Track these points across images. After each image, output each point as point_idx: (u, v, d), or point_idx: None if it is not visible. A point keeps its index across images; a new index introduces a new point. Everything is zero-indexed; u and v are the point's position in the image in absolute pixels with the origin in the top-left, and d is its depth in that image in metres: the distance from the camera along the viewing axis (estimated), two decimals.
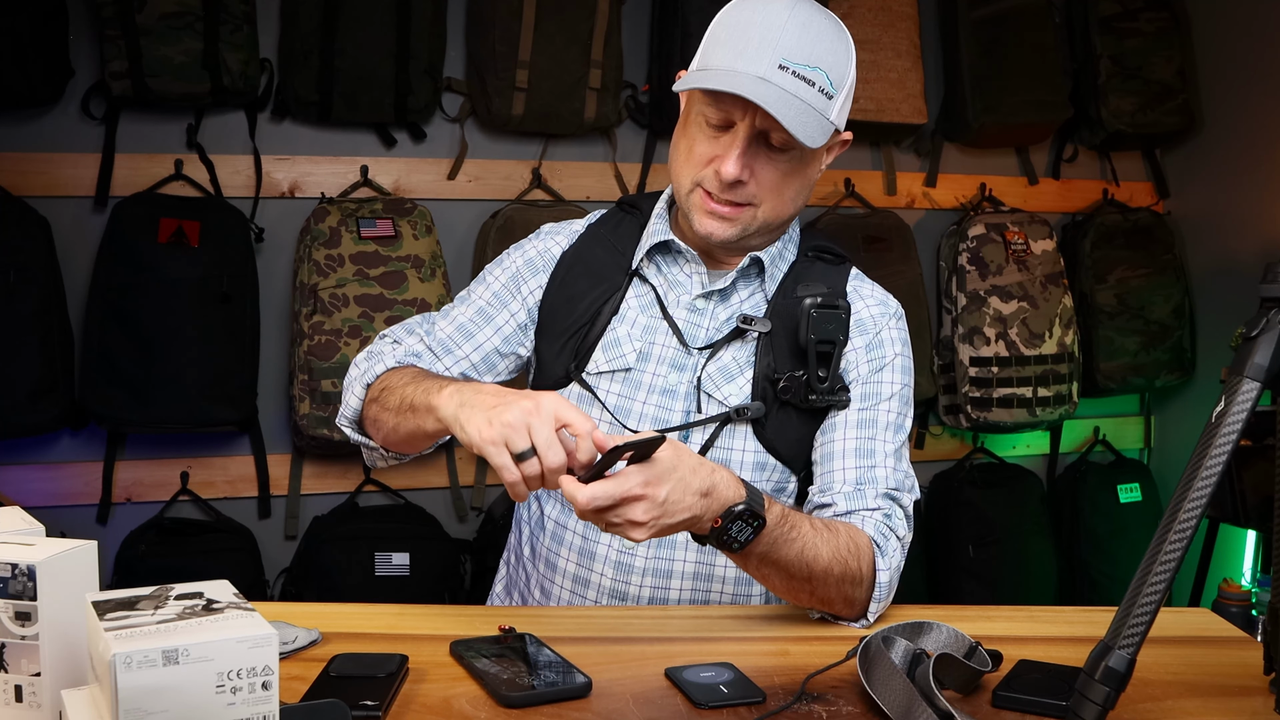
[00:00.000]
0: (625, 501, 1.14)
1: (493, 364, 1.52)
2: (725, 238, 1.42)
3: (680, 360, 1.46)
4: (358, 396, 1.46)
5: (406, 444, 1.41)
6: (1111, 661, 1.00)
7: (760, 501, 1.22)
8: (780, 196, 1.41)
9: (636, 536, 1.16)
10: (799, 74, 1.32)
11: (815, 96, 1.33)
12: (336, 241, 2.65)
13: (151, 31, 2.50)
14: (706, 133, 1.38)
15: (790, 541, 1.26)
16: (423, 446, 1.42)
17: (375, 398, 1.41)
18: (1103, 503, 3.34)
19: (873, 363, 1.47)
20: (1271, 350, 1.03)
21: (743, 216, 1.40)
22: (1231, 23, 3.29)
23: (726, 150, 1.36)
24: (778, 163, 1.38)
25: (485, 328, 1.51)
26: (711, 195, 1.39)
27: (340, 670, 1.14)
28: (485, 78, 2.79)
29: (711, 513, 1.19)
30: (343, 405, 1.49)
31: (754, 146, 1.36)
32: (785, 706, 1.11)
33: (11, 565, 0.93)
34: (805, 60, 1.32)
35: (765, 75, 1.31)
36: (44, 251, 2.52)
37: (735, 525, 1.20)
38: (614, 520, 1.15)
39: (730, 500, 1.20)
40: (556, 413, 1.14)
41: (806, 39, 1.33)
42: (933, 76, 3.19)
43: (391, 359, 1.46)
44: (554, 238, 1.56)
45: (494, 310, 1.52)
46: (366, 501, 2.88)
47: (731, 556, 1.26)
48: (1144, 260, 3.34)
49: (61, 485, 2.70)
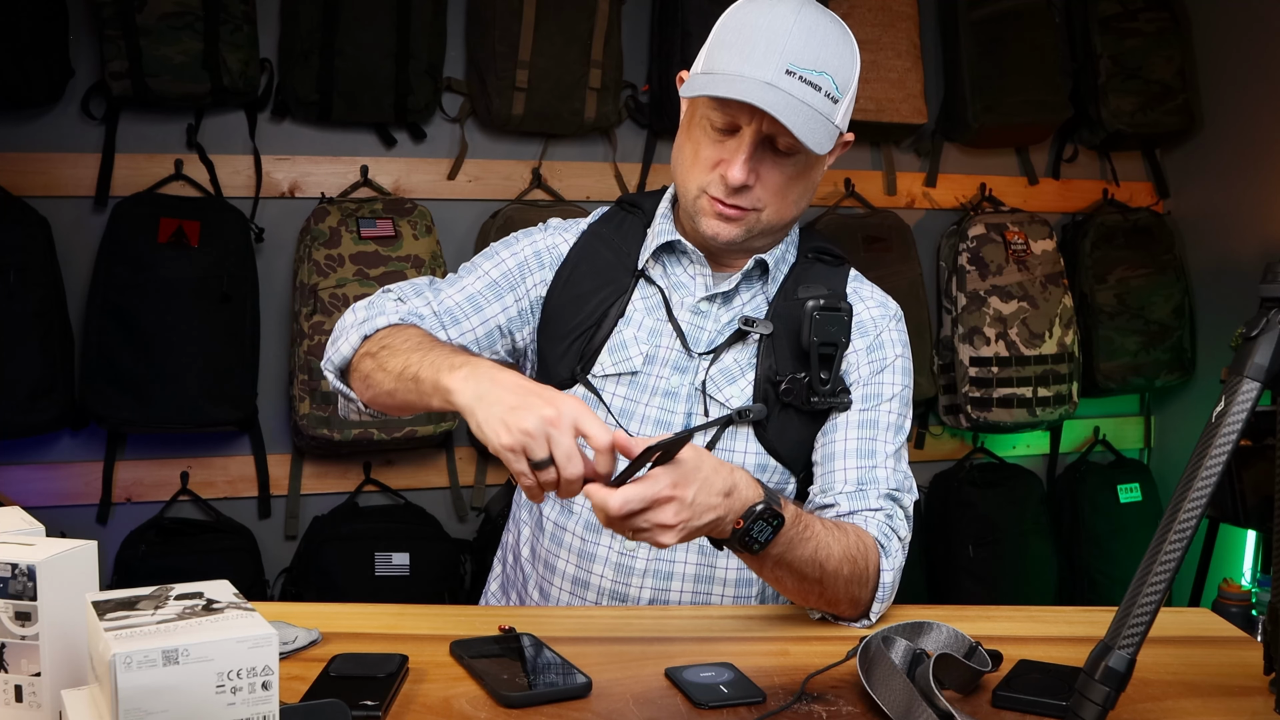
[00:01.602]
0: (656, 504, 1.12)
1: (493, 341, 1.49)
2: (730, 239, 1.41)
3: (682, 363, 1.46)
4: (351, 345, 1.39)
5: (397, 409, 1.35)
6: (1111, 661, 1.00)
7: (777, 500, 1.22)
8: (784, 200, 1.40)
9: (665, 540, 1.14)
10: (806, 79, 1.31)
11: (822, 101, 1.33)
12: (336, 241, 2.65)
13: (151, 31, 2.50)
14: (711, 136, 1.38)
15: (805, 541, 1.26)
16: (411, 414, 1.36)
17: (372, 353, 1.35)
18: (1103, 503, 3.34)
19: (873, 364, 1.47)
20: (1271, 350, 1.03)
21: (747, 219, 1.40)
22: (1231, 23, 3.29)
23: (733, 155, 1.36)
24: (783, 167, 1.38)
25: (494, 303, 1.48)
26: (718, 199, 1.39)
27: (340, 670, 1.14)
28: (485, 78, 2.79)
29: (734, 513, 1.18)
30: (331, 349, 1.42)
31: (760, 151, 1.36)
32: (785, 706, 1.11)
33: (11, 565, 0.93)
34: (812, 65, 1.32)
35: (772, 81, 1.30)
36: (44, 251, 2.52)
37: (757, 525, 1.19)
38: (642, 525, 1.12)
39: (750, 500, 1.19)
40: (577, 422, 1.11)
41: (813, 43, 1.32)
42: (933, 76, 3.19)
43: (395, 315, 1.41)
44: (562, 234, 1.55)
45: (503, 288, 1.49)
46: (366, 501, 2.88)
47: (748, 560, 1.26)
48: (1144, 260, 3.34)
49: (61, 485, 2.70)
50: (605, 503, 1.09)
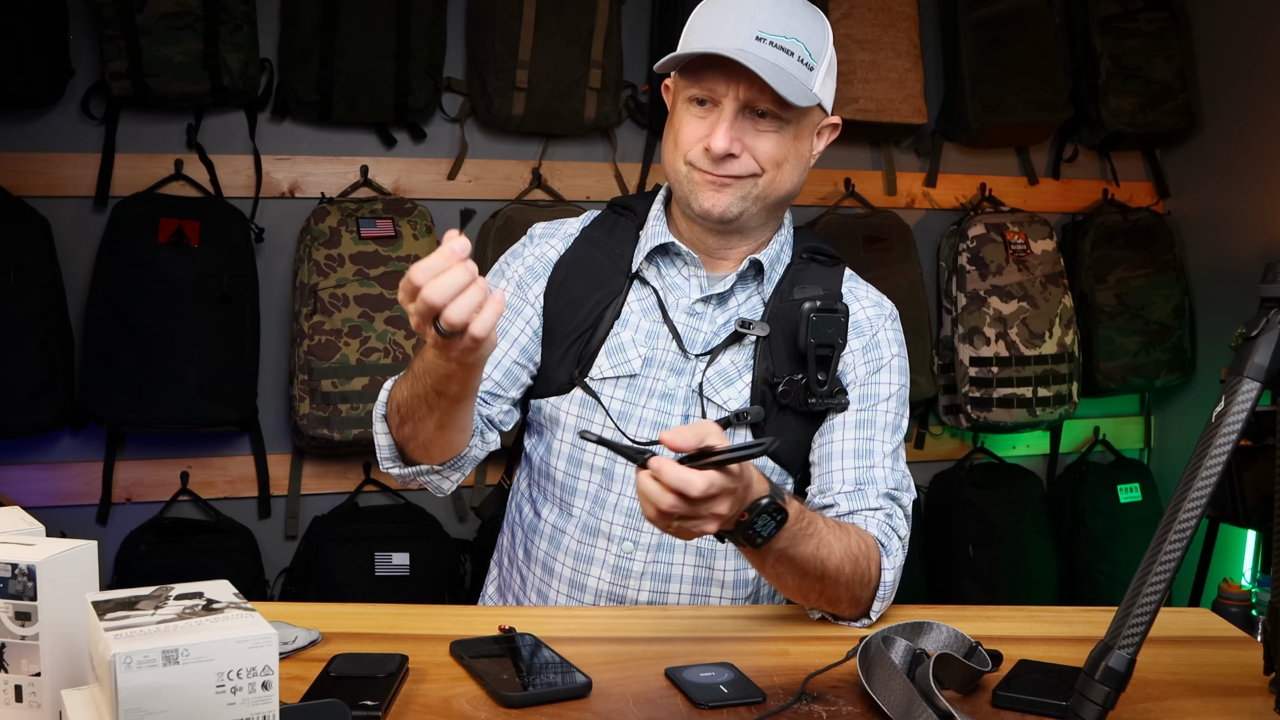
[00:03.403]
0: (724, 494, 1.12)
1: (515, 377, 1.49)
2: (725, 209, 1.41)
3: (679, 365, 1.46)
4: (383, 434, 1.40)
5: (450, 432, 1.34)
6: (1111, 661, 1.00)
7: (782, 495, 1.22)
8: (779, 168, 1.41)
9: (707, 529, 1.14)
10: (776, 44, 1.34)
11: (795, 65, 1.35)
12: (336, 241, 2.65)
13: (151, 31, 2.50)
14: (694, 113, 1.39)
15: (808, 537, 1.26)
16: (468, 422, 1.35)
17: (402, 419, 1.35)
18: (1103, 503, 3.34)
19: (870, 364, 1.47)
20: (1271, 350, 1.03)
21: (742, 186, 1.40)
22: (1231, 23, 3.28)
23: (713, 127, 1.37)
24: (768, 135, 1.39)
25: (500, 342, 1.48)
26: (707, 171, 1.40)
27: (340, 670, 1.14)
28: (485, 78, 2.79)
29: (742, 505, 1.19)
30: (378, 451, 1.42)
31: (742, 120, 1.37)
32: (785, 706, 1.11)
33: (11, 565, 0.93)
34: (782, 31, 1.35)
35: (744, 46, 1.33)
36: (44, 251, 2.52)
37: (760, 519, 1.19)
38: (700, 514, 1.12)
39: (758, 493, 1.19)
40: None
41: (781, 13, 1.36)
42: (933, 76, 3.19)
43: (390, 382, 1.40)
44: (549, 242, 1.55)
45: (507, 323, 1.49)
46: (366, 501, 2.88)
47: (750, 555, 1.26)
48: (1144, 260, 3.34)
49: (61, 485, 2.70)
50: (689, 482, 1.08)
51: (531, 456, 1.55)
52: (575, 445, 1.47)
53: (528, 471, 1.56)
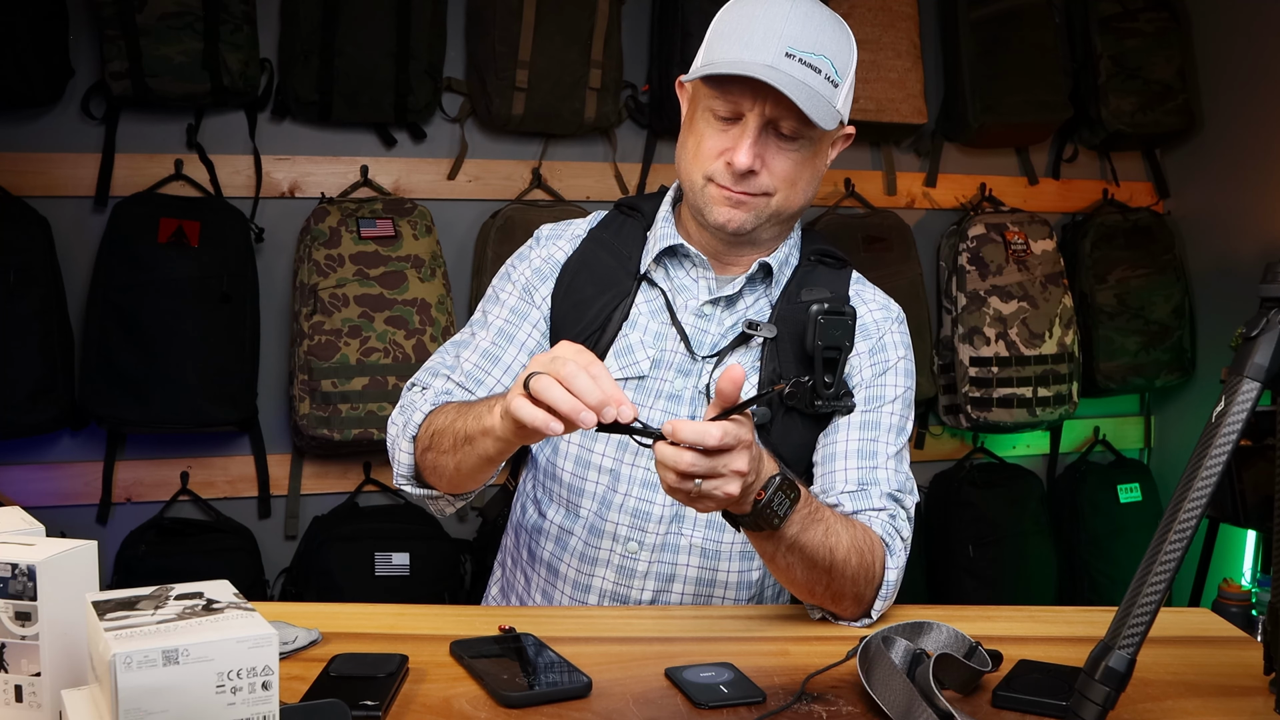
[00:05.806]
0: (740, 446, 1.11)
1: None
2: (740, 226, 1.40)
3: (686, 366, 1.46)
4: (406, 452, 1.40)
5: (471, 479, 1.36)
6: (1111, 661, 1.00)
7: (791, 473, 1.22)
8: (793, 187, 1.40)
9: (731, 490, 1.12)
10: (805, 61, 1.33)
11: (822, 84, 1.34)
12: (336, 241, 2.65)
13: (151, 31, 2.50)
14: (715, 126, 1.38)
15: (816, 523, 1.26)
16: (488, 475, 1.36)
17: (427, 446, 1.36)
18: (1103, 503, 3.34)
19: (876, 367, 1.48)
20: (1271, 350, 1.03)
21: (757, 205, 1.40)
22: (1231, 23, 3.29)
23: (737, 141, 1.36)
24: (788, 153, 1.38)
25: (509, 348, 1.48)
26: (726, 186, 1.39)
27: (340, 670, 1.14)
28: (485, 78, 2.79)
29: (760, 481, 1.18)
30: (395, 465, 1.43)
31: (764, 136, 1.36)
32: (785, 706, 1.11)
33: (11, 565, 0.93)
34: (810, 48, 1.33)
35: (773, 63, 1.31)
36: (44, 251, 2.52)
37: (776, 497, 1.19)
38: (720, 470, 1.11)
39: (770, 470, 1.20)
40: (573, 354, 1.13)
41: (810, 28, 1.34)
42: (933, 76, 3.19)
43: (427, 405, 1.41)
44: (556, 243, 1.55)
45: (514, 327, 1.49)
46: (366, 501, 2.88)
47: (760, 545, 1.26)
48: (1144, 260, 3.34)
49: (61, 485, 2.70)
50: (705, 432, 1.08)
51: (537, 458, 1.55)
52: (583, 447, 1.47)
53: (533, 473, 1.56)
